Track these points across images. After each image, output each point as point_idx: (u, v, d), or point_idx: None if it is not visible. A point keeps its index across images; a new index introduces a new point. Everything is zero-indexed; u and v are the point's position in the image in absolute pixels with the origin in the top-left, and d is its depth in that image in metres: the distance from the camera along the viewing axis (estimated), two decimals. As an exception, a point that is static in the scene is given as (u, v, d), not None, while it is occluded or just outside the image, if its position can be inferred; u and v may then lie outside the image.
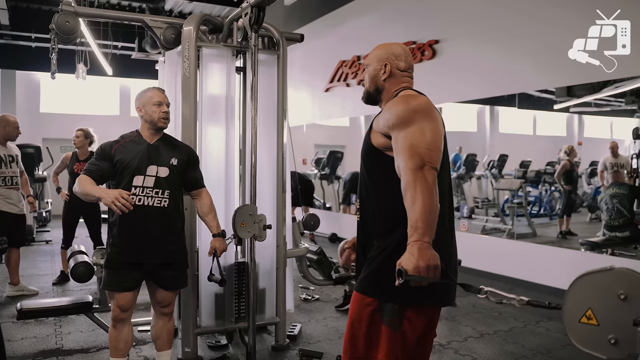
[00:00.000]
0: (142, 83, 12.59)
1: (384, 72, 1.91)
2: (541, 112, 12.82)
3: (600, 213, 8.20)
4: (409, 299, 1.73)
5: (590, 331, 1.18)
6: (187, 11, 10.28)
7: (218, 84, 3.37)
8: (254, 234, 3.02)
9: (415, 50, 6.50)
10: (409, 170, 1.61)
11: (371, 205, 1.87)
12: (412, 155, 1.64)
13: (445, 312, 4.55)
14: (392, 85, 1.92)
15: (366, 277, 1.82)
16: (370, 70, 1.95)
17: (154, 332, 2.93)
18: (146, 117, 2.75)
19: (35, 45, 10.51)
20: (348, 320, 1.86)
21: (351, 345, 1.84)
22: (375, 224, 1.85)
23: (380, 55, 1.94)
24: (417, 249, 1.46)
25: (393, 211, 1.76)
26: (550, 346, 3.74)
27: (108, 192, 2.51)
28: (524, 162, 11.63)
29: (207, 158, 3.33)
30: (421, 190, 1.56)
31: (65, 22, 3.14)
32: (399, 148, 1.69)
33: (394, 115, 1.75)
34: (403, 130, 1.70)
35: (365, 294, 1.81)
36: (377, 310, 1.78)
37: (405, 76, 1.94)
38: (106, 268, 2.74)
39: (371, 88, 1.96)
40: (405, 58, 1.94)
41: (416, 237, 1.48)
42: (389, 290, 1.69)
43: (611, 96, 10.39)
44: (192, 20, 3.27)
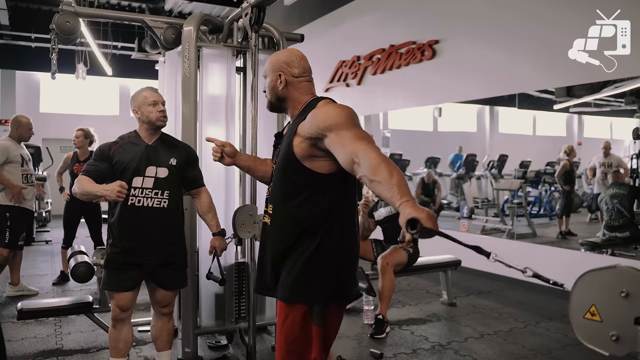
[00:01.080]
0: (142, 83, 12.50)
1: (280, 82, 1.96)
2: (541, 112, 12.83)
3: (599, 213, 8.23)
4: (332, 297, 1.89)
5: (593, 327, 1.19)
6: (186, 11, 10.28)
7: (218, 84, 3.36)
8: (254, 234, 3.02)
9: (415, 50, 6.51)
10: (372, 151, 1.65)
11: (287, 212, 1.91)
12: (368, 143, 1.70)
13: (445, 312, 4.55)
14: (294, 93, 1.97)
15: (291, 284, 1.88)
16: (268, 81, 2.01)
17: (154, 332, 2.92)
18: (143, 118, 2.74)
19: (35, 45, 10.51)
20: (279, 330, 1.93)
21: (288, 352, 1.91)
22: (291, 230, 1.90)
23: (274, 66, 1.98)
24: (412, 205, 1.49)
25: (312, 219, 1.86)
26: (550, 346, 3.74)
27: (108, 188, 2.49)
28: (523, 162, 11.63)
29: (208, 158, 3.30)
30: (392, 165, 1.61)
31: (65, 22, 3.14)
32: (348, 140, 1.72)
33: (331, 117, 1.79)
34: (344, 129, 1.75)
35: (295, 301, 1.88)
36: (307, 313, 1.88)
37: (303, 81, 1.98)
38: (106, 268, 2.74)
39: (272, 98, 2.02)
40: (297, 64, 1.98)
41: (406, 197, 1.52)
42: (316, 293, 1.87)
43: (611, 96, 10.40)
44: (193, 20, 3.27)
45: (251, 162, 2.35)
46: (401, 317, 4.36)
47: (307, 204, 1.87)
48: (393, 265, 4.04)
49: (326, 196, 1.88)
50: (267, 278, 2.00)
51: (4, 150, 4.55)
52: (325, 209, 1.87)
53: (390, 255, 4.08)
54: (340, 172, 1.83)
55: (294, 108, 1.99)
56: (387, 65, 6.97)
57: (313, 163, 1.85)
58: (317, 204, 1.87)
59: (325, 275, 1.88)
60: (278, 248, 1.93)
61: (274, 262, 1.95)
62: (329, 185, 1.88)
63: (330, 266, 1.88)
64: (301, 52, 2.02)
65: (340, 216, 1.92)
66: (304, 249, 1.87)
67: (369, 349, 3.58)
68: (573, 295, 1.25)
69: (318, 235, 1.86)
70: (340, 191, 1.92)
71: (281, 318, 1.92)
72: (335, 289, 1.90)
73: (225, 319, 3.38)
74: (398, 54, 6.80)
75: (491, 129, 13.85)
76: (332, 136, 1.76)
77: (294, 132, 1.89)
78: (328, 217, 1.88)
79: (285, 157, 1.90)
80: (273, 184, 2.01)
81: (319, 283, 1.87)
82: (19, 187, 4.52)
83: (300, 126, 1.87)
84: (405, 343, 3.76)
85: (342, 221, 1.92)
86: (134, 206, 2.64)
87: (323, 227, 1.87)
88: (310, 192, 1.87)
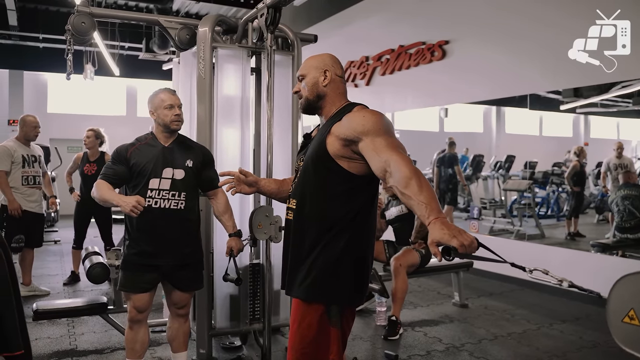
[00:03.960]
0: (149, 83, 12.61)
1: (325, 79, 1.98)
2: (547, 112, 12.79)
3: (608, 214, 8.19)
4: (350, 300, 1.93)
5: (632, 331, 1.17)
6: (193, 11, 10.29)
7: (233, 84, 3.36)
8: (270, 235, 3.01)
9: (424, 50, 6.50)
10: (405, 163, 1.67)
11: (314, 209, 1.92)
12: (403, 153, 1.72)
13: (458, 313, 4.54)
14: (333, 92, 2.00)
15: (311, 284, 1.88)
16: (309, 79, 2.01)
17: (170, 334, 2.92)
18: (159, 120, 2.73)
19: (43, 45, 10.53)
20: (294, 330, 1.91)
21: (302, 355, 1.90)
22: (316, 228, 1.90)
23: (317, 64, 2.01)
24: (441, 223, 1.49)
25: (339, 218, 1.87)
26: (565, 349, 3.72)
27: (125, 200, 2.49)
28: (530, 162, 11.60)
29: (223, 158, 3.32)
30: (423, 179, 1.62)
31: (81, 23, 3.14)
32: (382, 147, 1.74)
33: (370, 122, 1.80)
34: (380, 136, 1.77)
35: (313, 301, 1.88)
36: (324, 314, 1.87)
37: (342, 82, 2.04)
38: (122, 269, 2.74)
39: (312, 95, 2.01)
40: (339, 65, 2.04)
41: (435, 215, 1.52)
42: (336, 294, 1.88)
43: (618, 97, 10.37)
44: (208, 21, 3.27)
45: (275, 187, 2.32)
46: (413, 319, 4.34)
47: (336, 202, 1.88)
48: (406, 266, 4.02)
49: (356, 197, 1.89)
50: (287, 276, 2.00)
51: (7, 154, 4.56)
52: (354, 209, 1.89)
53: (403, 256, 4.07)
54: (371, 175, 1.84)
55: (329, 109, 2.00)
56: (397, 65, 6.96)
57: (347, 163, 1.86)
58: (346, 204, 1.88)
59: (346, 276, 1.89)
60: (301, 245, 1.93)
61: (295, 259, 1.95)
62: (360, 186, 1.89)
63: (352, 266, 1.89)
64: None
65: (367, 218, 1.93)
66: (328, 248, 1.87)
67: (384, 350, 3.57)
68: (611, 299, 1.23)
69: (344, 235, 1.87)
70: (369, 193, 1.94)
71: (297, 319, 1.91)
72: (353, 289, 1.92)
73: (240, 320, 3.38)
74: (407, 55, 6.79)
75: (498, 129, 13.82)
76: (367, 141, 1.78)
77: (327, 131, 1.90)
78: (355, 218, 1.89)
79: (317, 154, 1.91)
80: (298, 180, 2.01)
81: (340, 283, 1.88)
82: (17, 205, 4.52)
83: (335, 126, 1.89)
84: (419, 345, 3.75)
85: (367, 222, 1.94)
86: (151, 208, 2.63)
87: (350, 227, 1.88)
88: (340, 191, 1.88)
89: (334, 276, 1.87)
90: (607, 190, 8.16)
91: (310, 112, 2.07)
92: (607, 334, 3.96)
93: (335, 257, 1.87)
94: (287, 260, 2.02)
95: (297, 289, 1.92)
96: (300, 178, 2.00)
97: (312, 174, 1.94)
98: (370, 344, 3.75)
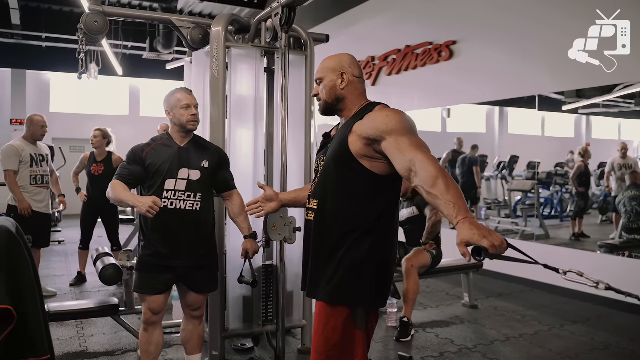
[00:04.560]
0: (152, 83, 12.60)
1: (342, 81, 1.97)
2: (550, 113, 12.78)
3: (611, 215, 8.18)
4: (375, 302, 1.92)
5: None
6: (197, 11, 10.26)
7: (246, 84, 3.33)
8: (285, 236, 2.99)
9: (431, 51, 6.47)
10: (430, 162, 1.64)
11: (337, 210, 1.90)
12: (427, 153, 1.70)
13: (468, 314, 4.52)
14: (352, 94, 1.98)
15: (336, 286, 1.85)
16: (326, 82, 2.00)
17: (184, 336, 2.89)
18: (175, 120, 2.71)
19: (46, 45, 10.49)
20: (319, 333, 1.89)
21: (327, 357, 1.88)
22: (339, 229, 1.88)
23: (334, 66, 2.00)
24: (470, 223, 1.47)
25: (362, 219, 1.86)
26: (577, 350, 3.70)
27: (141, 201, 2.46)
28: (531, 163, 11.59)
29: (236, 158, 3.29)
30: (450, 178, 1.60)
31: (94, 22, 3.12)
32: (406, 147, 1.72)
33: (393, 121, 1.78)
34: (403, 135, 1.75)
35: (338, 304, 1.86)
36: (349, 317, 1.85)
37: (360, 82, 2.02)
38: (138, 271, 2.72)
39: (330, 99, 2.00)
40: (357, 65, 2.02)
41: (463, 215, 1.50)
42: (361, 296, 1.86)
43: (620, 97, 10.36)
44: (221, 20, 3.24)
45: (294, 195, 2.33)
46: (424, 320, 4.32)
47: (358, 202, 1.87)
48: (418, 267, 4.01)
49: (379, 197, 1.88)
50: (309, 278, 1.98)
51: (15, 153, 4.53)
52: (378, 210, 1.87)
53: (414, 257, 4.05)
54: (394, 175, 1.82)
55: (349, 110, 1.99)
56: (403, 66, 6.94)
57: (369, 162, 1.84)
58: (369, 204, 1.87)
59: (371, 278, 1.87)
60: (322, 247, 1.92)
61: (317, 261, 1.94)
62: (382, 186, 1.87)
63: (376, 268, 1.88)
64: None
65: (391, 218, 1.93)
66: (352, 250, 1.85)
67: (397, 352, 3.56)
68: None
69: (369, 236, 1.85)
70: (392, 193, 1.92)
71: (321, 322, 1.89)
72: (378, 291, 1.90)
73: (253, 322, 3.35)
74: (414, 55, 6.77)
75: (500, 129, 13.80)
76: (391, 140, 1.76)
77: (349, 130, 1.88)
78: (379, 219, 1.87)
79: (339, 154, 1.89)
80: (319, 180, 1.99)
81: (365, 285, 1.86)
82: (27, 205, 4.50)
83: (357, 125, 1.87)
84: (431, 346, 3.73)
85: (391, 223, 1.93)
86: (166, 209, 2.60)
87: (374, 228, 1.86)
88: (363, 191, 1.87)
89: (359, 279, 1.86)
90: (611, 191, 8.16)
91: (330, 114, 2.06)
92: (619, 336, 3.98)
93: (360, 259, 1.85)
94: (308, 262, 2.00)
95: (322, 292, 1.90)
96: (322, 178, 1.98)
97: (334, 173, 1.92)
98: (382, 346, 3.73)
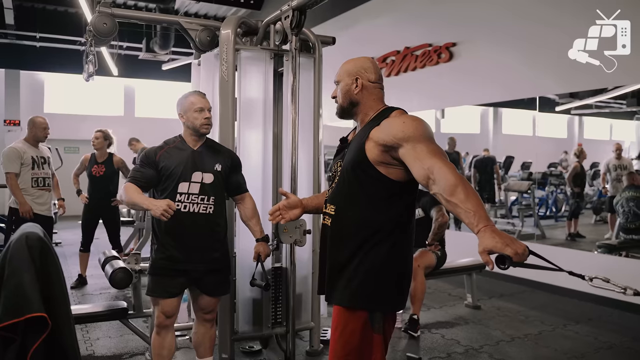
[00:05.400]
0: (148, 83, 12.54)
1: (356, 86, 1.96)
2: (543, 113, 12.89)
3: (606, 215, 8.27)
4: (394, 305, 1.92)
5: None
6: (192, 12, 10.23)
7: (256, 87, 3.33)
8: (296, 239, 2.99)
9: (431, 52, 6.49)
10: (449, 170, 1.64)
11: (354, 215, 1.90)
12: (445, 160, 1.70)
13: (471, 315, 4.55)
14: (367, 98, 1.98)
15: (355, 290, 1.86)
16: (342, 85, 2.01)
17: (196, 339, 2.89)
18: (188, 123, 2.70)
19: (40, 45, 10.40)
20: (336, 337, 1.89)
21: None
22: (357, 235, 1.88)
23: (350, 70, 2.00)
24: (492, 231, 1.47)
25: (380, 224, 1.85)
26: (583, 350, 3.74)
27: (156, 204, 2.43)
28: (525, 163, 11.68)
29: (244, 161, 3.28)
30: (469, 186, 1.60)
31: (103, 24, 3.10)
32: (424, 154, 1.72)
33: (410, 128, 1.78)
34: (421, 142, 1.74)
35: (357, 307, 1.86)
36: (367, 321, 1.85)
37: (377, 87, 2.00)
38: (151, 274, 2.70)
39: (345, 103, 2.01)
40: (374, 70, 2.01)
41: (484, 222, 1.50)
42: (380, 300, 1.86)
43: (612, 98, 10.47)
44: (230, 23, 3.24)
45: (317, 202, 2.25)
46: (429, 321, 4.34)
47: (376, 208, 1.87)
48: (424, 267, 4.04)
49: (396, 203, 1.88)
50: (327, 283, 1.97)
51: (16, 156, 4.49)
52: (395, 215, 1.87)
53: (420, 257, 4.07)
54: (410, 181, 1.84)
55: (365, 114, 1.98)
56: (402, 67, 6.95)
57: (386, 169, 1.85)
58: (387, 210, 1.87)
59: (390, 282, 1.88)
60: (340, 252, 1.91)
61: (334, 265, 1.93)
62: (399, 192, 1.88)
63: (395, 273, 1.89)
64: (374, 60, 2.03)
65: (408, 224, 1.93)
66: (370, 255, 1.85)
67: (405, 353, 3.58)
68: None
69: (387, 241, 1.86)
70: (408, 198, 1.93)
71: (339, 326, 1.89)
72: (396, 295, 1.91)
73: (262, 325, 3.35)
74: (413, 56, 6.78)
75: (495, 130, 13.89)
76: (408, 147, 1.76)
77: (366, 137, 1.88)
78: (397, 224, 1.88)
79: (357, 160, 1.89)
80: (336, 186, 1.99)
81: (383, 289, 1.87)
82: (28, 207, 4.46)
83: (374, 131, 1.86)
84: (438, 347, 3.75)
85: (408, 228, 1.93)
86: (180, 212, 2.59)
87: (392, 234, 1.87)
88: (380, 196, 1.87)
89: (377, 283, 1.86)
90: (607, 191, 8.24)
91: (346, 117, 2.06)
92: (622, 335, 4.03)
93: (379, 263, 1.86)
94: (325, 267, 1.99)
95: (339, 296, 1.90)
96: (339, 183, 1.98)
97: (351, 179, 1.91)
98: (390, 348, 3.69)
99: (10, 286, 1.48)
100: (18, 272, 1.51)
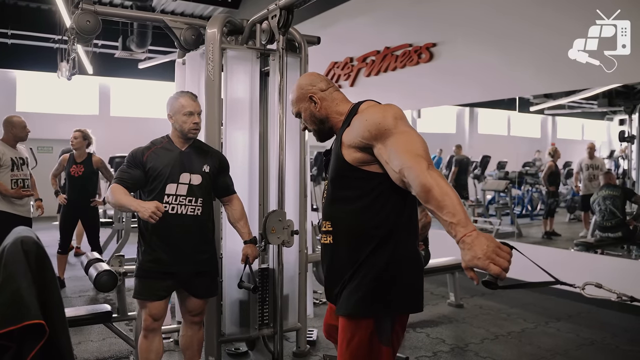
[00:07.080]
0: (123, 82, 12.34)
1: (316, 103, 1.93)
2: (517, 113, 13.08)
3: (580, 214, 8.45)
4: (401, 309, 1.82)
5: None
6: (169, 10, 10.11)
7: (242, 86, 3.30)
8: (284, 239, 2.98)
9: (411, 52, 6.54)
10: (422, 172, 1.56)
11: (350, 226, 1.83)
12: (415, 157, 1.61)
13: (454, 314, 4.59)
14: (331, 107, 1.93)
15: (359, 300, 1.77)
16: (303, 113, 1.97)
17: (184, 342, 2.84)
18: (176, 125, 2.65)
19: (12, 42, 10.14)
20: (344, 349, 1.80)
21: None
22: (357, 245, 1.80)
23: (301, 95, 1.96)
24: (470, 244, 1.39)
25: (376, 227, 1.77)
26: (565, 347, 3.80)
27: (144, 206, 2.39)
28: (501, 162, 11.84)
29: (231, 161, 3.24)
30: (444, 185, 1.52)
31: (86, 22, 3.04)
32: (394, 154, 1.65)
33: (373, 125, 1.71)
34: (390, 137, 1.68)
35: (362, 316, 1.78)
36: (374, 331, 1.77)
37: (333, 91, 1.96)
38: (138, 277, 2.65)
39: (316, 125, 1.97)
40: (320, 79, 1.97)
41: (462, 232, 1.42)
42: (385, 307, 1.77)
43: (584, 99, 10.70)
44: (216, 22, 3.20)
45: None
46: (413, 320, 4.36)
47: (370, 211, 1.78)
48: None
49: (388, 199, 1.78)
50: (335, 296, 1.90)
51: None
52: (392, 211, 1.78)
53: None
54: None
55: (337, 121, 1.92)
56: (382, 67, 6.98)
57: (372, 165, 1.77)
58: (380, 210, 1.77)
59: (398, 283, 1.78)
60: (341, 264, 1.84)
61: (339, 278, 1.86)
62: (390, 185, 1.74)
63: (402, 272, 1.79)
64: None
65: (408, 219, 1.83)
66: (371, 262, 1.77)
67: (392, 353, 3.58)
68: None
69: (389, 242, 1.77)
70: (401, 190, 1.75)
71: (346, 337, 1.81)
72: (402, 298, 1.80)
73: (250, 326, 3.32)
74: (393, 56, 6.81)
75: (470, 130, 14.03)
76: (379, 147, 1.70)
77: (340, 142, 1.82)
78: (395, 221, 1.78)
79: (340, 167, 1.82)
80: (326, 200, 1.92)
81: (389, 293, 1.78)
82: (11, 191, 4.32)
83: (345, 135, 1.81)
84: (424, 346, 3.77)
85: (409, 223, 1.83)
86: (167, 214, 2.54)
87: (392, 232, 1.78)
88: (372, 194, 1.78)
89: (383, 287, 1.77)
90: (579, 190, 8.41)
91: (328, 136, 2.00)
92: (602, 331, 4.11)
93: (381, 269, 1.77)
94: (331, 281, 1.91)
95: (345, 307, 1.82)
96: (328, 197, 1.91)
97: (342, 186, 1.85)
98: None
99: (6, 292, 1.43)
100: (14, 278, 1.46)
